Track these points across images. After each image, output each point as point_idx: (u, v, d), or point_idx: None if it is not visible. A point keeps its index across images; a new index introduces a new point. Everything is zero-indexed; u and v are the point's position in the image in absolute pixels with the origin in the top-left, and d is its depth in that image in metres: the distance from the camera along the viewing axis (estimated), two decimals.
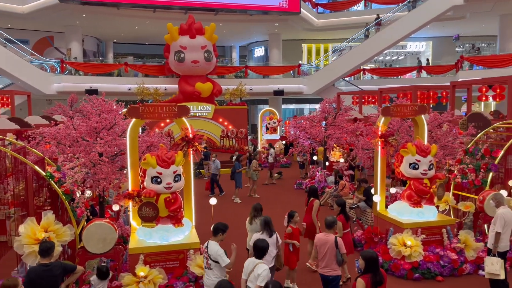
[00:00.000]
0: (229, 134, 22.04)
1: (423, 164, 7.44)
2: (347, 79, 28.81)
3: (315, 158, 15.50)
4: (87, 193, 7.21)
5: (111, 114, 7.75)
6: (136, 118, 6.88)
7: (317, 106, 15.87)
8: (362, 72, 30.66)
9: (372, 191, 8.88)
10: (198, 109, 22.07)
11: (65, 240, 5.95)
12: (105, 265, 6.15)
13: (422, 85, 21.46)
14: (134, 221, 7.06)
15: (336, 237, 5.75)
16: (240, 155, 14.33)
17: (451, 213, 8.55)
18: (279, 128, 24.17)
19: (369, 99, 22.71)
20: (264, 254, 5.02)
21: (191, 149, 7.05)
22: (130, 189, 6.88)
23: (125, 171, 7.61)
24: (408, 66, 31.45)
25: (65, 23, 25.40)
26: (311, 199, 7.76)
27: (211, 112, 22.33)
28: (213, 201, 7.53)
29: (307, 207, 7.76)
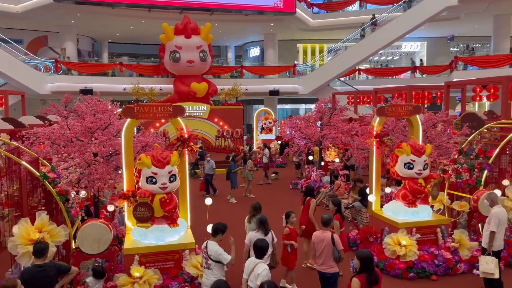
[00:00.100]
0: (224, 134, 22.03)
1: (417, 164, 7.47)
2: (342, 79, 28.88)
3: (310, 158, 15.52)
4: (81, 193, 7.17)
5: (106, 114, 7.71)
6: (131, 118, 6.86)
7: (312, 106, 15.87)
8: (357, 72, 30.75)
9: (367, 190, 8.90)
10: (194, 109, 22.04)
11: (59, 240, 5.92)
12: (100, 265, 6.14)
13: (417, 85, 21.56)
14: (129, 222, 7.03)
15: (332, 234, 5.79)
16: (236, 155, 14.32)
17: (445, 212, 8.60)
18: (274, 128, 24.19)
19: (364, 99, 22.80)
20: (264, 254, 5.06)
21: (186, 149, 7.04)
22: (125, 189, 6.86)
23: (120, 171, 7.58)
24: (403, 66, 31.57)
25: (59, 22, 25.27)
26: (308, 199, 7.77)
27: (206, 112, 22.30)
28: (208, 201, 7.52)
29: (304, 207, 7.77)
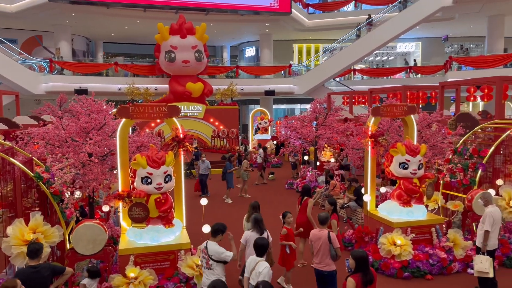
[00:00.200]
0: (220, 134, 22.02)
1: (412, 164, 7.50)
2: (337, 79, 28.95)
3: (306, 158, 15.55)
4: (76, 194, 7.14)
5: (101, 114, 7.68)
6: (126, 118, 6.84)
7: (308, 106, 15.88)
8: (352, 73, 30.84)
9: (363, 190, 8.93)
10: (189, 109, 22.01)
11: (53, 241, 5.89)
12: (95, 265, 6.12)
13: (411, 85, 21.66)
14: (124, 222, 7.01)
15: (329, 232, 5.81)
16: (232, 155, 14.32)
17: (440, 212, 8.64)
18: (270, 128, 24.20)
19: (359, 99, 22.88)
20: (264, 252, 5.07)
21: (181, 149, 7.03)
22: (120, 189, 6.84)
23: (115, 172, 7.56)
24: (398, 66, 31.70)
25: (54, 22, 25.16)
26: (305, 198, 7.78)
27: (202, 112, 22.28)
28: (204, 201, 7.51)
29: (301, 207, 7.76)
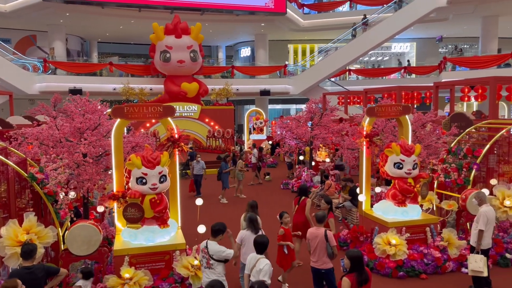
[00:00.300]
0: (215, 134, 22.00)
1: (407, 164, 7.52)
2: (332, 79, 29.01)
3: (301, 158, 15.57)
4: (71, 194, 7.11)
5: (96, 114, 7.65)
6: (121, 118, 6.81)
7: (303, 106, 15.92)
8: (347, 73, 30.92)
9: (358, 190, 8.95)
10: (184, 109, 21.96)
11: (47, 242, 5.85)
12: (88, 266, 6.10)
13: (406, 85, 21.75)
14: (119, 223, 6.98)
15: (326, 230, 5.85)
16: (227, 155, 14.31)
17: (434, 211, 8.68)
18: (265, 128, 24.21)
19: (354, 99, 22.95)
20: (265, 249, 5.11)
21: (176, 149, 7.01)
22: (115, 190, 6.81)
23: (109, 172, 7.53)
24: (393, 67, 31.82)
25: (48, 22, 25.01)
26: (303, 198, 7.79)
27: (197, 112, 22.24)
28: (199, 201, 7.49)
29: (299, 206, 7.75)
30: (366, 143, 8.26)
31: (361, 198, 8.26)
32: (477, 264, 6.18)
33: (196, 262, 6.30)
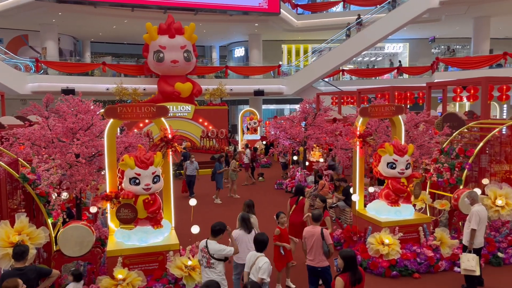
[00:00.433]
0: (209, 134, 21.96)
1: (400, 164, 7.56)
2: (326, 79, 29.09)
3: (295, 158, 15.58)
4: (63, 195, 7.06)
5: (88, 114, 7.61)
6: (114, 118, 6.78)
7: (297, 107, 15.93)
8: (341, 73, 31.01)
9: (351, 190, 8.98)
10: (178, 110, 21.91)
11: (39, 243, 5.81)
12: (78, 268, 6.09)
13: (399, 85, 21.85)
14: (112, 223, 6.95)
15: (322, 228, 5.87)
16: (221, 156, 14.29)
17: (427, 211, 8.73)
18: (259, 129, 24.21)
19: (348, 100, 23.00)
20: (264, 247, 5.12)
21: (170, 149, 6.99)
22: (108, 190, 6.78)
23: (102, 173, 7.49)
24: (386, 67, 31.97)
25: (40, 21, 24.81)
26: (301, 198, 7.80)
27: (191, 112, 22.20)
28: (193, 202, 7.48)
29: (297, 206, 7.74)
30: (360, 143, 8.29)
31: (355, 198, 8.29)
32: (470, 263, 6.23)
33: (190, 263, 6.29)
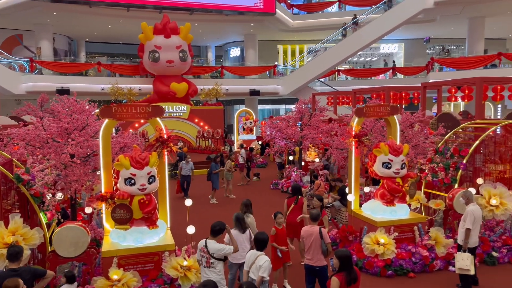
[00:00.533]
0: (205, 134, 21.93)
1: (395, 164, 7.58)
2: (322, 79, 29.15)
3: (291, 158, 15.60)
4: (58, 195, 7.03)
5: (83, 114, 7.57)
6: (109, 118, 6.75)
7: (292, 107, 15.95)
8: (336, 73, 31.08)
9: (347, 190, 9.00)
10: (173, 110, 21.86)
11: (33, 243, 5.78)
12: (71, 270, 6.09)
13: (394, 86, 21.94)
14: (107, 224, 6.92)
15: (320, 227, 5.89)
16: (217, 156, 14.27)
17: (422, 211, 8.76)
18: (255, 129, 24.20)
19: (343, 100, 23.10)
20: (264, 246, 5.13)
21: (165, 150, 6.97)
22: (103, 191, 6.75)
23: (98, 173, 7.46)
24: (382, 67, 32.08)
25: (35, 21, 24.66)
26: (300, 198, 7.81)
27: (186, 112, 22.16)
28: (188, 202, 7.46)
29: (296, 206, 7.74)
30: (355, 143, 8.31)
31: (350, 197, 8.31)
32: (464, 262, 6.26)
33: (185, 263, 6.28)
